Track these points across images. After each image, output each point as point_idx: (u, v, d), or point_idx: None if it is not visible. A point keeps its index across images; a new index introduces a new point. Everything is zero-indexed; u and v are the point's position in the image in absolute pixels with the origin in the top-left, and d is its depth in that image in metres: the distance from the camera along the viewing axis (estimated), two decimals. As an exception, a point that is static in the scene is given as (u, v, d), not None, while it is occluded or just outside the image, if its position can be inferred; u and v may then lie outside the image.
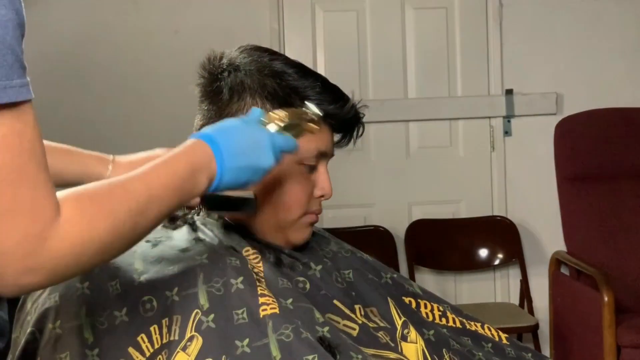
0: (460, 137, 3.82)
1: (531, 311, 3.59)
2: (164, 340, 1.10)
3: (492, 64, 3.77)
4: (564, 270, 3.58)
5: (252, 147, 1.08)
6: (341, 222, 3.65)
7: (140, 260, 1.16)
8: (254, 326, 1.10)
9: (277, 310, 1.11)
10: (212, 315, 1.11)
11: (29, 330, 1.09)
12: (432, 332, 1.32)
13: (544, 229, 3.77)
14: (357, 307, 1.28)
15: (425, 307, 1.37)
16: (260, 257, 1.22)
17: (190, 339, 1.09)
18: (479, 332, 1.38)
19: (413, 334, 1.28)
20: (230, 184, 1.06)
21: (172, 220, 1.30)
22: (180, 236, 1.24)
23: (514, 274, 3.75)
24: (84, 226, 0.86)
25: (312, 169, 1.29)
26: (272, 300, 1.13)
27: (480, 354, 1.34)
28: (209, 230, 1.25)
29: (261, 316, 1.11)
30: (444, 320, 1.36)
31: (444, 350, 1.29)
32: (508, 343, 1.38)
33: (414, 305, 1.35)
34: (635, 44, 3.80)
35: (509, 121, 3.78)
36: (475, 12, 3.77)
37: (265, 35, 3.66)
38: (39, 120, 0.84)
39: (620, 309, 3.14)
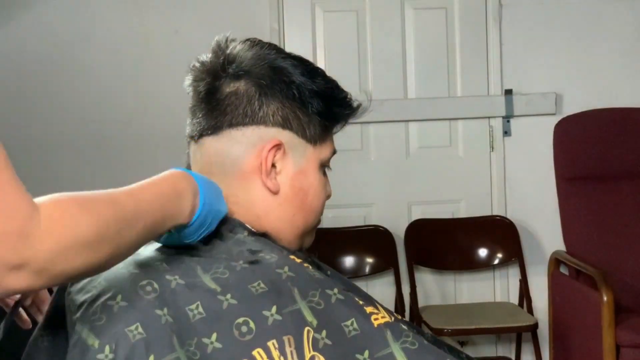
0: (460, 137, 3.82)
1: (530, 311, 3.59)
2: None
3: (491, 64, 3.78)
4: (564, 270, 3.58)
5: (216, 193, 1.11)
6: (341, 222, 3.66)
7: (209, 278, 1.05)
8: (369, 336, 1.05)
9: (388, 320, 1.08)
10: (324, 332, 1.03)
11: None
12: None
13: (543, 228, 3.78)
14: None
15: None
16: (307, 263, 1.15)
17: (312, 359, 1.02)
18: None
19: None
20: (201, 221, 1.06)
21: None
22: (224, 247, 1.12)
23: (514, 273, 3.76)
24: (67, 222, 0.84)
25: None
26: (375, 309, 1.09)
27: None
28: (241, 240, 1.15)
29: (375, 325, 1.06)
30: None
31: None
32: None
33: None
34: (634, 44, 3.80)
35: (508, 121, 3.78)
36: (474, 12, 3.78)
37: (265, 35, 3.65)
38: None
39: (619, 309, 3.13)
